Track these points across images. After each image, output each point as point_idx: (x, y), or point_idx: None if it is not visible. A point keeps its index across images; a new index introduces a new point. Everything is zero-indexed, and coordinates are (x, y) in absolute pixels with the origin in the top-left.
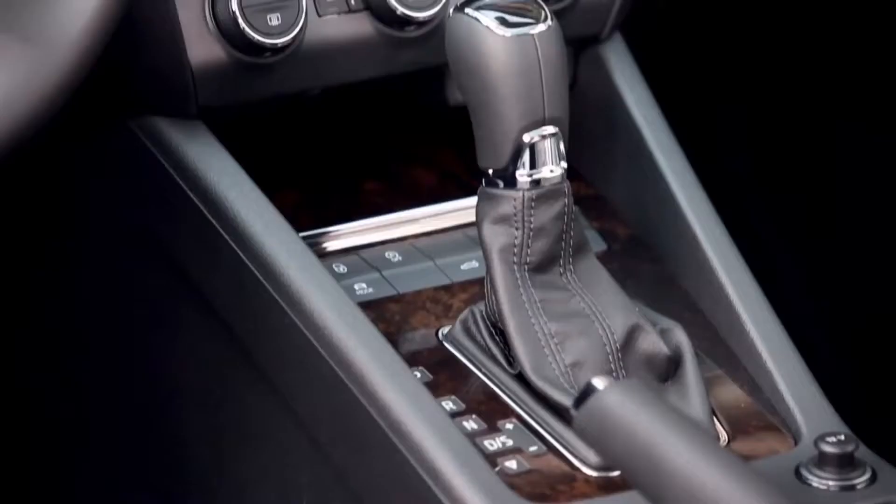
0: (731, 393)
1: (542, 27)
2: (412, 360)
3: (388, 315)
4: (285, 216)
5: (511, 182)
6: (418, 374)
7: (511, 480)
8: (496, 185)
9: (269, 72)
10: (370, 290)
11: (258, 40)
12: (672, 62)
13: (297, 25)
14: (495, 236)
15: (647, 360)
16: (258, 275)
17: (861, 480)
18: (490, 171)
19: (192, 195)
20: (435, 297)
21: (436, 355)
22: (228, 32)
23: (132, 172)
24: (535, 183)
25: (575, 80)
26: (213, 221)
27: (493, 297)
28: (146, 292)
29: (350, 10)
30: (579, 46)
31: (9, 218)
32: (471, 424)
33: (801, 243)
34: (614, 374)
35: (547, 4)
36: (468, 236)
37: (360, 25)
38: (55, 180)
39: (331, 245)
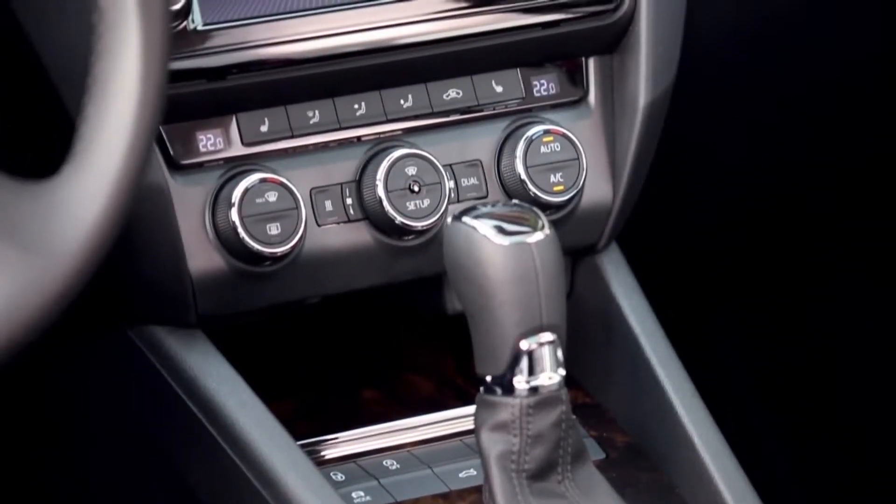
0: None
1: (539, 236)
2: None
3: None
4: (283, 424)
5: (509, 389)
6: None
7: None
8: (494, 392)
9: (269, 281)
10: (368, 498)
11: (258, 250)
12: (667, 269)
13: (296, 235)
14: (493, 443)
15: None
16: (256, 483)
17: None
18: (488, 378)
19: (190, 403)
20: None
21: None
22: (228, 242)
23: (130, 379)
24: (533, 390)
25: (572, 288)
26: (211, 429)
27: None
28: (146, 494)
29: (349, 220)
30: (576, 256)
31: (9, 421)
32: None
33: (799, 450)
34: None
35: (544, 214)
36: (466, 444)
37: (359, 235)
38: (55, 383)
39: (329, 453)
